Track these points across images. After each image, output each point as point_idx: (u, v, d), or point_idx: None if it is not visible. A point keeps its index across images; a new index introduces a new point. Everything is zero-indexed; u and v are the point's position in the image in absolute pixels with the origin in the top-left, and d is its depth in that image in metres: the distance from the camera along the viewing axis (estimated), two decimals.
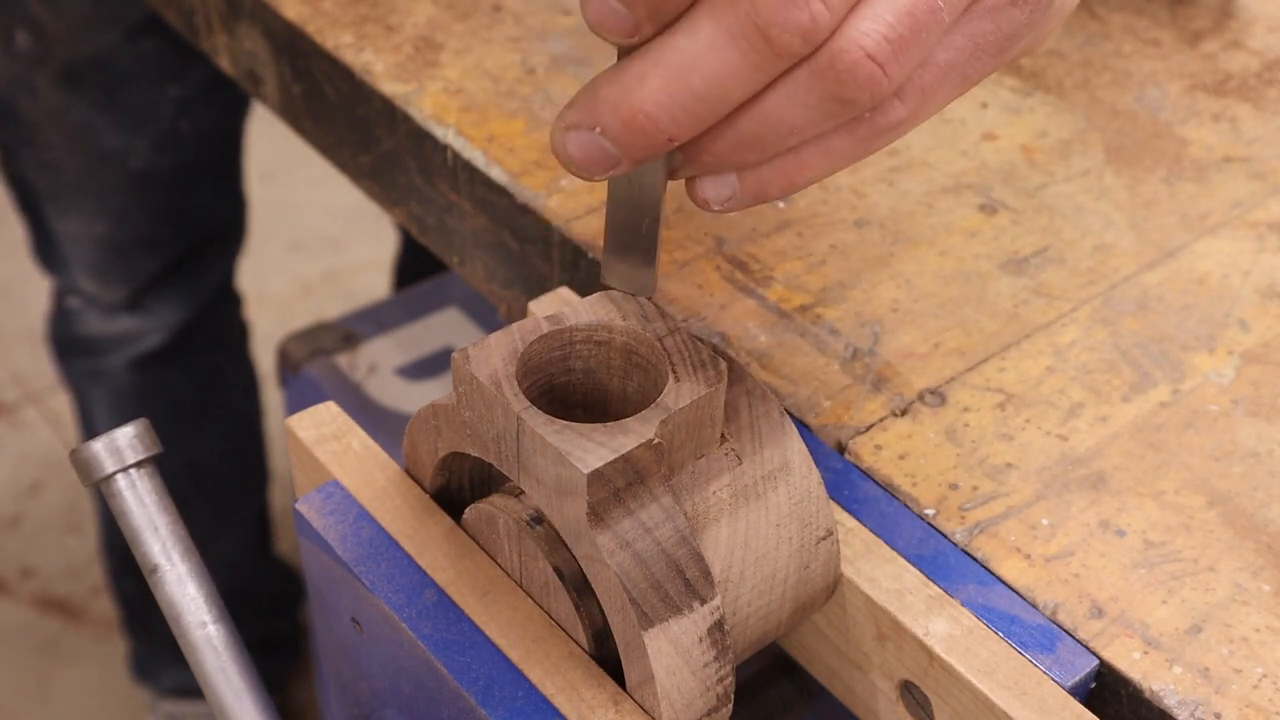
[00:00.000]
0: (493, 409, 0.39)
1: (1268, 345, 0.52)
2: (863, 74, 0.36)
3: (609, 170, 0.39)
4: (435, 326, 1.06)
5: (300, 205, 2.31)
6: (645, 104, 0.37)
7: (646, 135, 0.38)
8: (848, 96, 0.37)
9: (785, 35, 0.35)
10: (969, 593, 0.42)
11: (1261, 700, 0.40)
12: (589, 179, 0.40)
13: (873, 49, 0.36)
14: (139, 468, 0.44)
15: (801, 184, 0.40)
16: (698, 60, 0.36)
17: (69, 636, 1.70)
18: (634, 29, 0.37)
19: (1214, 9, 0.72)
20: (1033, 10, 0.40)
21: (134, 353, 1.25)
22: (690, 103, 0.37)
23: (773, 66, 0.36)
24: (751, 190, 0.41)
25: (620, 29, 0.37)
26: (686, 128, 0.37)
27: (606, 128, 0.38)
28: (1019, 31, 0.40)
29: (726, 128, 0.38)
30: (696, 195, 0.41)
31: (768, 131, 0.38)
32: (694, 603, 0.38)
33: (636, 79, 0.37)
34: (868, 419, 0.48)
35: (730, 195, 0.41)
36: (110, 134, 1.11)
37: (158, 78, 1.10)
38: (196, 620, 0.43)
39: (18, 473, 1.89)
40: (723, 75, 0.36)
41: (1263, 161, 0.62)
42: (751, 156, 0.39)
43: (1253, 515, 0.45)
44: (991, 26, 0.39)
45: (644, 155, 0.39)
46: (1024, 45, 0.41)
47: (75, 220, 1.17)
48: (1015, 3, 0.40)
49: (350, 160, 0.66)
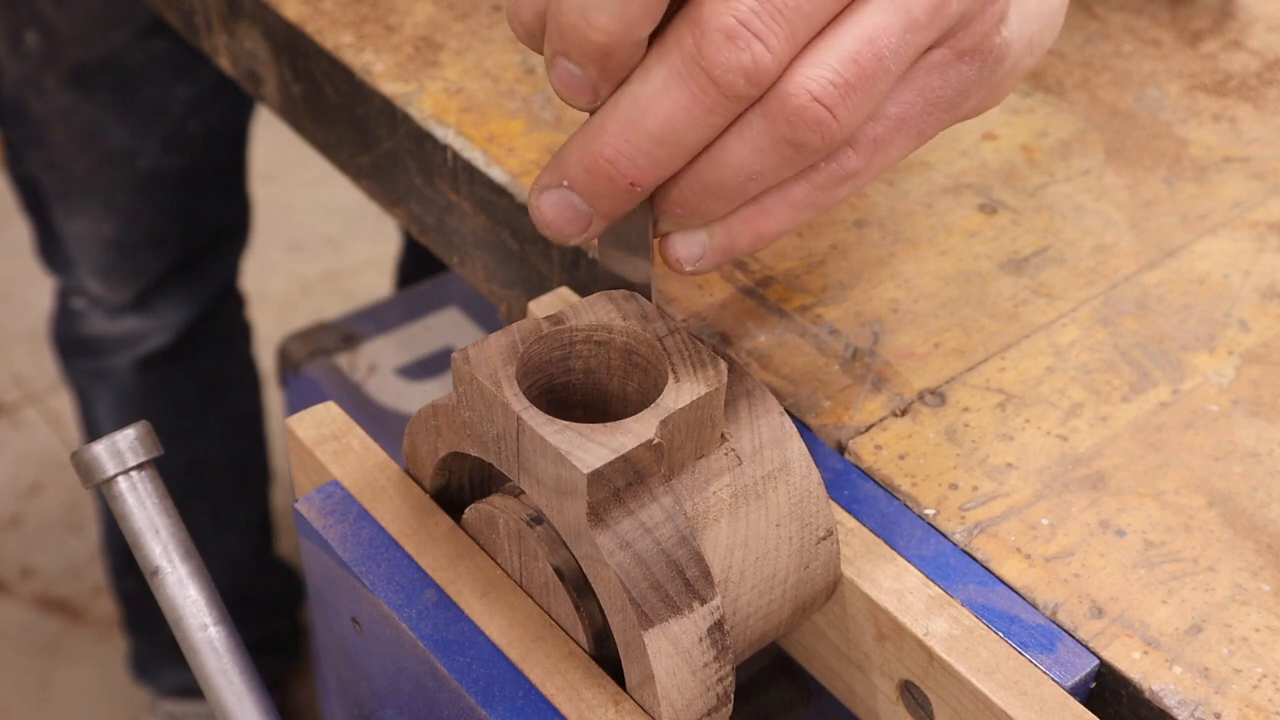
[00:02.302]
0: (493, 409, 0.39)
1: (1268, 345, 0.52)
2: (811, 117, 0.38)
3: (583, 230, 0.41)
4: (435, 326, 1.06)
5: (300, 205, 2.31)
6: (605, 150, 0.39)
7: (610, 181, 0.39)
8: (799, 139, 0.38)
9: (729, 75, 0.37)
10: (969, 593, 0.42)
11: (1261, 700, 0.40)
12: (566, 242, 0.42)
13: (819, 93, 0.37)
14: (140, 470, 0.44)
15: (768, 237, 0.42)
16: (651, 103, 0.38)
17: (69, 636, 1.70)
18: (594, 91, 0.39)
19: (1214, 9, 0.72)
20: (981, 66, 0.41)
21: (138, 353, 1.26)
22: (647, 145, 0.38)
23: (723, 109, 0.38)
24: (721, 245, 0.42)
25: (581, 93, 0.39)
26: (647, 171, 0.39)
27: (573, 180, 0.40)
28: (969, 88, 0.41)
29: (689, 175, 0.40)
30: (669, 256, 0.43)
31: (728, 178, 0.39)
32: (694, 603, 0.38)
33: (597, 129, 0.39)
34: (868, 419, 0.48)
35: (701, 253, 0.42)
36: (119, 134, 1.12)
37: (167, 78, 1.10)
38: (198, 622, 0.43)
39: (18, 473, 1.89)
40: (675, 117, 0.38)
41: (1263, 161, 0.62)
42: (717, 205, 0.41)
43: (1253, 515, 0.45)
44: (940, 82, 0.41)
45: (611, 206, 0.40)
46: (976, 101, 0.43)
47: (82, 220, 1.17)
48: (964, 59, 0.41)
49: (350, 160, 0.66)
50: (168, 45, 1.08)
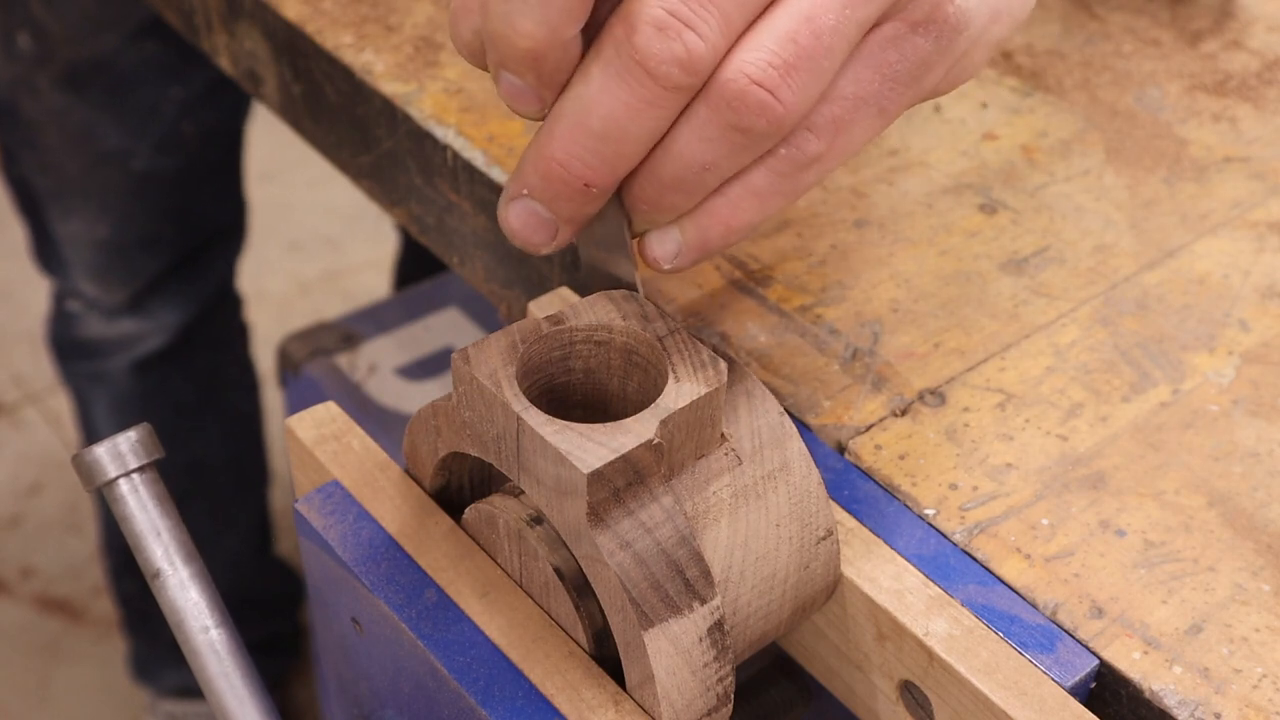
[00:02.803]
0: (493, 409, 0.39)
1: (1268, 345, 0.52)
2: (753, 100, 0.37)
3: (550, 238, 0.42)
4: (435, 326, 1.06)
5: (300, 205, 2.31)
6: (555, 153, 0.39)
7: (564, 184, 0.40)
8: (744, 125, 0.38)
9: (663, 66, 0.37)
10: (969, 593, 0.42)
11: (1261, 700, 0.40)
12: (538, 252, 0.42)
13: (758, 76, 0.37)
14: (141, 472, 0.44)
15: (739, 229, 0.42)
16: (593, 102, 0.38)
17: (69, 636, 1.70)
18: (538, 99, 0.40)
19: (1214, 9, 0.72)
20: (938, 38, 0.40)
21: (135, 355, 1.25)
22: (593, 144, 0.39)
23: (664, 101, 0.38)
24: (694, 241, 0.42)
25: (526, 102, 0.40)
26: (598, 171, 0.39)
27: (532, 188, 0.40)
28: (928, 60, 0.41)
29: (646, 171, 0.40)
30: (646, 256, 0.43)
31: (683, 170, 0.40)
32: (694, 603, 0.38)
33: (546, 134, 0.39)
34: (868, 419, 0.48)
35: (677, 250, 0.42)
36: (112, 135, 1.11)
37: (160, 79, 1.10)
38: (199, 625, 0.43)
39: (18, 473, 1.89)
40: (617, 114, 0.38)
41: (1263, 161, 0.62)
42: (679, 198, 0.41)
43: (1253, 515, 0.45)
44: (896, 56, 0.40)
45: (571, 210, 0.41)
46: (941, 75, 0.42)
47: (76, 222, 1.17)
48: (918, 31, 0.40)
49: (350, 160, 0.66)
50: (160, 46, 1.08)
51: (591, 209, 0.41)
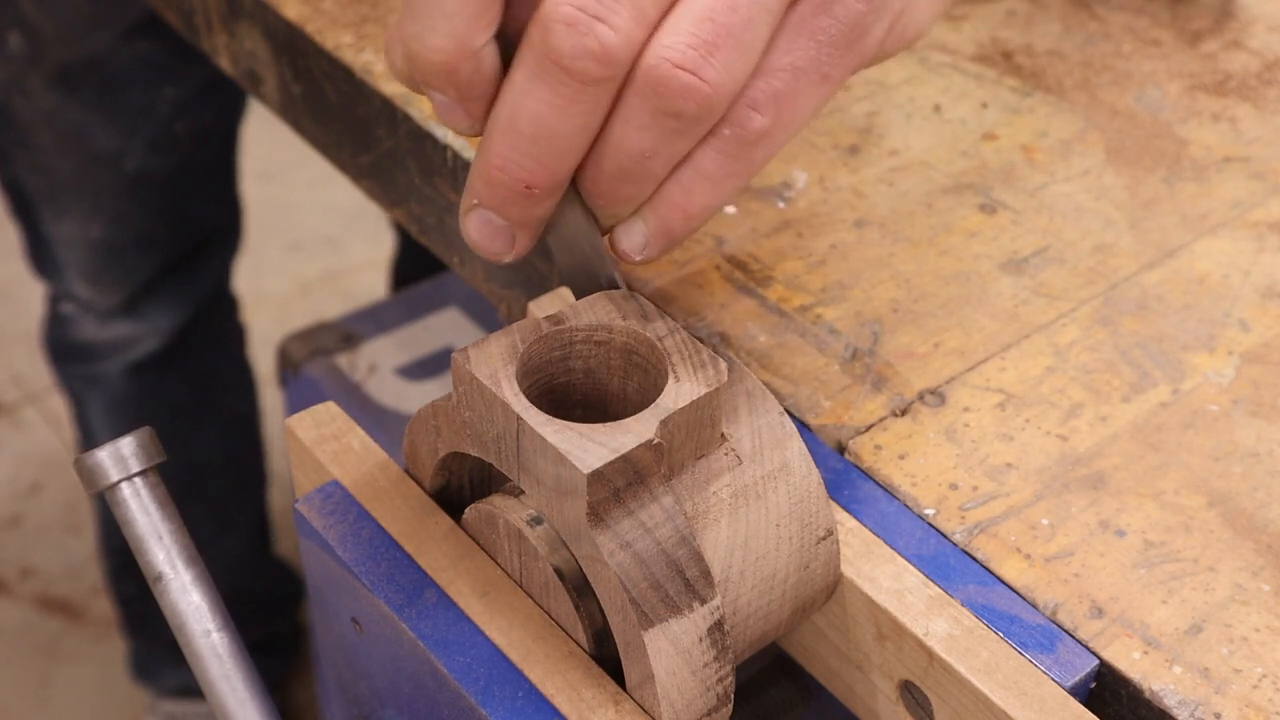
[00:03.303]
0: (493, 409, 0.39)
1: (1268, 345, 0.52)
2: (678, 84, 0.38)
3: (509, 245, 0.42)
4: (435, 326, 1.06)
5: (299, 205, 2.31)
6: (493, 159, 0.40)
7: (507, 189, 0.40)
8: (674, 109, 0.38)
9: (578, 62, 0.37)
10: (969, 593, 0.42)
11: (1261, 700, 0.40)
12: (500, 260, 0.43)
13: (679, 59, 0.37)
14: (143, 476, 0.44)
15: (697, 213, 0.42)
16: (519, 107, 0.39)
17: (69, 636, 1.70)
18: (466, 114, 0.40)
19: (1214, 9, 0.72)
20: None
21: (130, 358, 1.25)
22: (526, 146, 0.39)
23: (588, 95, 0.38)
24: (658, 231, 0.42)
25: (457, 119, 0.41)
26: (536, 172, 0.40)
27: (481, 197, 0.41)
28: (862, 21, 0.40)
29: (592, 165, 0.40)
30: (617, 250, 0.43)
31: (625, 160, 0.40)
32: (694, 603, 0.38)
33: (484, 143, 0.40)
34: (867, 419, 0.48)
35: (644, 241, 0.43)
36: (105, 136, 1.11)
37: (153, 79, 1.10)
38: (200, 628, 0.43)
39: (18, 473, 1.89)
40: (543, 114, 0.38)
41: (1263, 161, 0.62)
42: (631, 189, 0.41)
43: (1253, 515, 0.45)
44: (829, 21, 0.40)
45: (520, 214, 0.41)
46: (880, 34, 0.41)
47: (70, 223, 1.17)
48: None
49: (350, 160, 0.66)
50: (153, 46, 1.07)
51: (541, 211, 0.41)
